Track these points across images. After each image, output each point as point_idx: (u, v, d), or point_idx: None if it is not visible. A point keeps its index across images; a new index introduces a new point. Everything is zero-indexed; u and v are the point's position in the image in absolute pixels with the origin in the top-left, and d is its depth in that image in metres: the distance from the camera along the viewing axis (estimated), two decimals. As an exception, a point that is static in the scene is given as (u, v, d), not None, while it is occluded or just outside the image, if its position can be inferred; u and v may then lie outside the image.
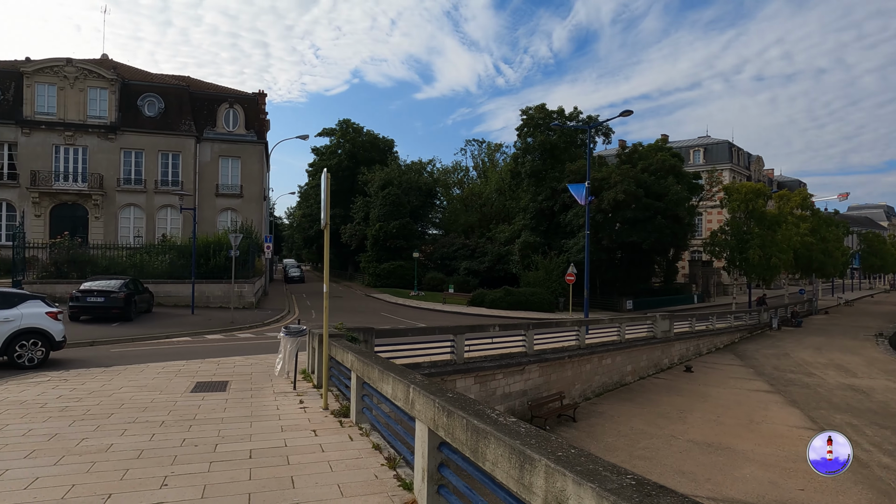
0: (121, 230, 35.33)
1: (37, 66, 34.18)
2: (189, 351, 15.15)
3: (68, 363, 12.39)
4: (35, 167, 33.88)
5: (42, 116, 34.30)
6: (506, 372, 15.46)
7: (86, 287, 19.40)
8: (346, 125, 69.90)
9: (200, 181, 37.11)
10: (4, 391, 8.98)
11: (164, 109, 36.58)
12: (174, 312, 23.43)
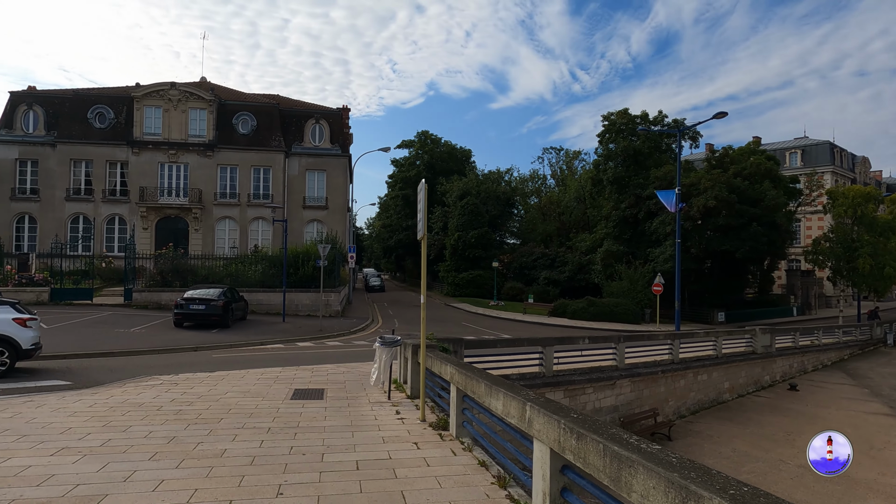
0: (217, 241, 37.49)
1: (145, 91, 37.05)
2: (283, 358, 15.71)
3: (177, 367, 13.14)
4: (143, 184, 36.64)
5: (149, 137, 37.08)
6: (596, 386, 14.94)
7: (188, 295, 20.63)
8: (425, 136, 71.02)
9: (289, 194, 38.77)
10: (124, 393, 9.61)
11: (256, 127, 38.58)
12: (266, 320, 24.47)
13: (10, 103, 36.67)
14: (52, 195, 36.17)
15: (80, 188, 36.68)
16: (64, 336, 17.66)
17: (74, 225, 36.52)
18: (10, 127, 36.25)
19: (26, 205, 36.13)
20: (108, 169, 36.87)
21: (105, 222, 36.70)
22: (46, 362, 13.63)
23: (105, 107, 37.03)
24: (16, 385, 10.69)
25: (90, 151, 36.57)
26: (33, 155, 36.33)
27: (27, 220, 36.31)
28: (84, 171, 36.75)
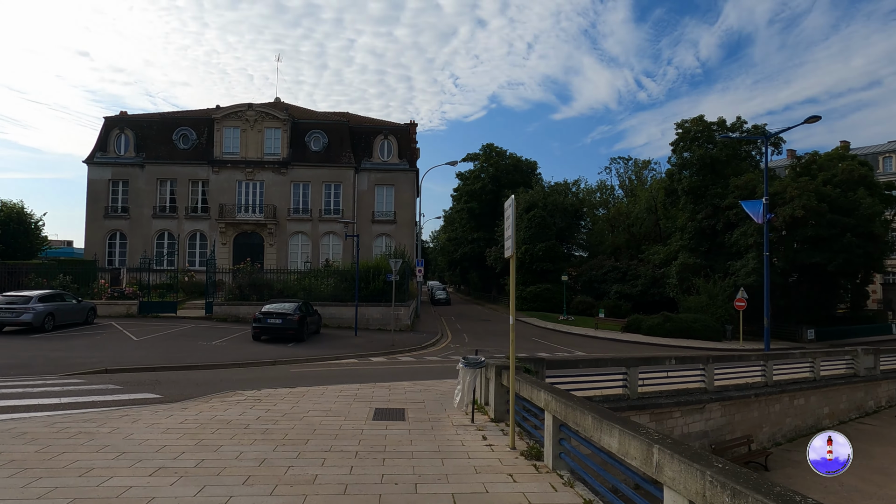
0: (290, 255, 38.60)
1: (224, 113, 38.83)
2: (358, 374, 15.73)
3: (258, 381, 13.36)
4: (222, 201, 38.29)
5: (228, 156, 38.79)
6: (683, 410, 14.05)
7: (266, 310, 21.17)
8: (490, 149, 70.85)
9: (358, 209, 39.47)
10: (211, 409, 9.78)
11: (328, 144, 39.61)
12: (339, 334, 24.79)
13: (105, 128, 39.36)
14: (140, 213, 38.41)
15: (165, 206, 38.79)
16: (151, 348, 18.45)
17: (160, 241, 38.58)
18: (104, 150, 38.87)
19: (118, 222, 38.53)
20: (190, 187, 38.82)
21: (187, 238, 38.57)
22: (138, 375, 14.18)
23: (188, 128, 39.10)
24: (112, 398, 11.12)
25: (175, 171, 38.65)
26: (124, 175, 38.76)
27: (118, 236, 38.69)
28: (169, 189, 38.86)
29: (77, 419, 8.66)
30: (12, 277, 28.29)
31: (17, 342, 18.69)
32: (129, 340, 19.96)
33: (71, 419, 8.68)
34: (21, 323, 20.28)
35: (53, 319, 21.31)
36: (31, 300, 20.60)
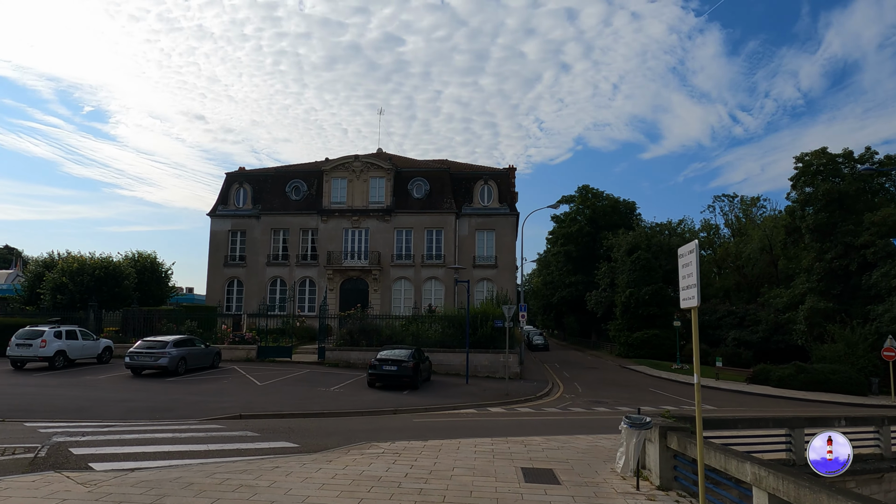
0: (394, 301, 39.15)
1: (333, 165, 40.78)
2: (482, 426, 15.19)
3: (386, 431, 13.16)
4: (330, 248, 39.80)
5: (335, 205, 40.48)
6: (858, 479, 12.30)
7: (381, 356, 21.26)
8: (585, 191, 69.69)
9: (459, 254, 39.59)
10: (356, 462, 9.59)
11: (429, 191, 40.40)
12: (449, 381, 24.43)
13: (226, 183, 42.51)
14: (256, 261, 40.68)
15: (278, 254, 40.88)
16: (275, 394, 18.92)
17: (273, 287, 40.53)
18: (225, 203, 41.88)
19: (236, 270, 40.98)
20: (301, 236, 40.77)
21: (297, 284, 40.25)
22: (271, 421, 14.42)
23: (300, 181, 41.38)
24: (253, 445, 11.26)
25: (287, 221, 40.81)
26: (242, 226, 41.42)
27: (236, 283, 41.08)
28: (282, 238, 41.00)
29: (232, 469, 8.73)
30: (147, 322, 30.54)
31: (155, 385, 19.85)
32: (254, 385, 20.64)
33: (226, 469, 8.76)
34: (158, 367, 21.61)
35: (185, 363, 22.56)
36: (167, 345, 21.96)
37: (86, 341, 24.71)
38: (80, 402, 15.98)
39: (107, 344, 25.95)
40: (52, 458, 9.33)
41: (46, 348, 22.50)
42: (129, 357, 21.72)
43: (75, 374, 22.11)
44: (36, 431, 11.78)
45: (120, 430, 12.21)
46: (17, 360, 22.76)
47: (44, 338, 22.54)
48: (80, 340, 24.29)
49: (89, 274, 31.23)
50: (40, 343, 22.43)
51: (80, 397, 16.94)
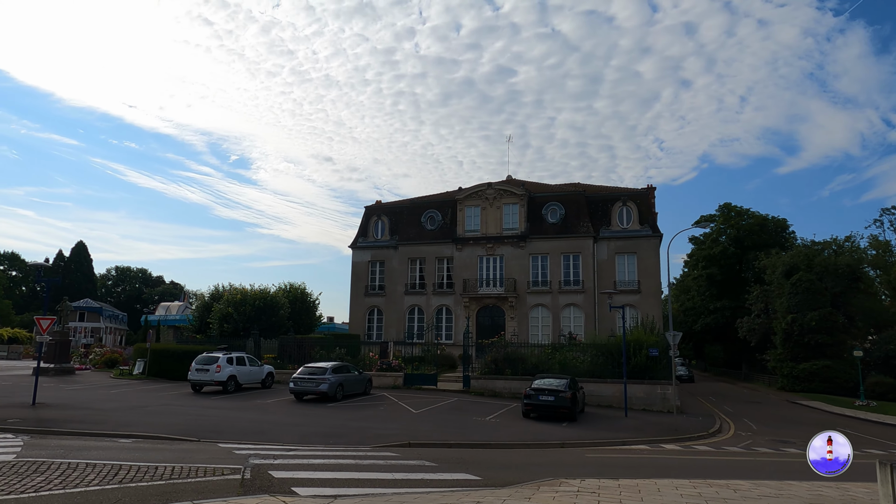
0: (531, 329, 38.24)
1: (466, 193, 41.20)
2: (666, 465, 13.83)
3: (563, 466, 12.32)
4: (465, 276, 39.93)
5: (470, 233, 40.72)
6: None
7: (537, 386, 20.46)
8: (728, 209, 64.62)
9: (598, 279, 37.97)
10: (554, 500, 8.88)
11: (565, 215, 39.40)
12: (604, 413, 22.99)
13: (365, 216, 44.49)
14: (394, 290, 41.85)
15: (415, 283, 41.77)
16: (433, 422, 18.75)
17: (411, 315, 41.36)
18: (365, 235, 43.76)
19: (375, 299, 42.41)
20: (436, 265, 41.40)
21: (434, 312, 40.73)
22: (441, 451, 14.14)
23: (435, 211, 42.25)
24: (436, 476, 10.95)
25: (423, 250, 41.70)
26: (381, 257, 42.94)
27: (376, 312, 42.47)
28: (418, 268, 41.90)
29: (431, 500, 8.40)
30: (300, 349, 32.21)
31: (319, 410, 20.55)
32: (409, 413, 20.69)
33: (425, 501, 8.45)
34: (318, 392, 22.44)
35: (343, 389, 23.27)
36: (327, 371, 22.79)
37: (252, 367, 26.44)
38: (259, 426, 16.81)
39: (269, 370, 27.60)
40: (258, 480, 9.60)
41: (220, 373, 24.31)
42: (293, 383, 22.81)
43: (245, 397, 23.60)
44: (232, 453, 12.37)
45: (305, 454, 12.50)
46: (196, 383, 24.80)
47: (218, 363, 24.39)
48: (247, 366, 26.04)
49: (250, 304, 33.73)
50: (216, 368, 24.28)
51: (257, 420, 17.86)
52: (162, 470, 9.91)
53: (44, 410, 17.96)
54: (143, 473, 9.60)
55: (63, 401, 20.63)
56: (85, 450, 11.93)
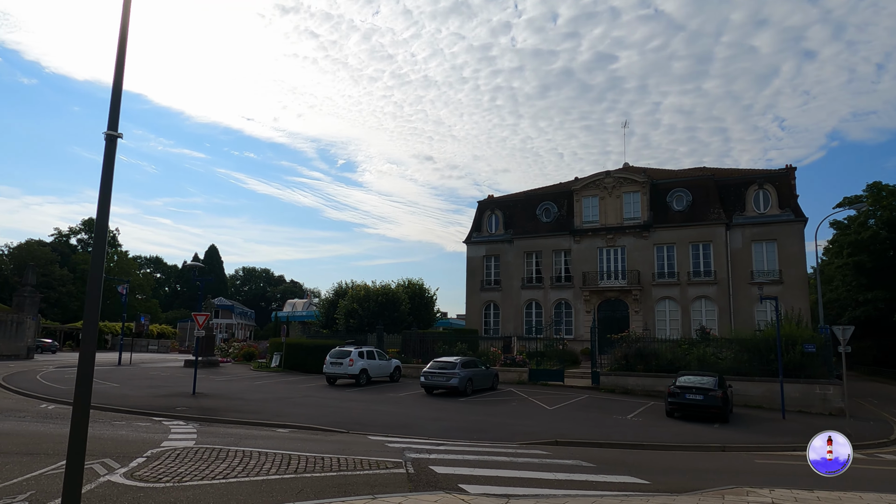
0: (658, 323, 36.19)
1: (583, 183, 39.78)
2: (857, 475, 12.19)
3: (730, 473, 11.20)
4: (584, 269, 38.59)
5: (588, 225, 39.28)
6: None
7: (683, 384, 19.10)
8: (877, 189, 57.47)
9: (732, 269, 35.16)
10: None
11: (692, 202, 36.88)
12: (756, 415, 21.06)
13: (479, 211, 44.36)
14: (510, 285, 41.36)
15: (532, 277, 41.01)
16: (574, 421, 18.03)
17: (528, 310, 40.67)
18: (479, 230, 43.64)
19: (491, 294, 42.17)
20: (553, 258, 40.37)
21: (553, 307, 39.75)
22: (592, 451, 13.45)
23: (550, 202, 41.22)
24: (597, 478, 10.32)
25: (539, 244, 40.83)
26: (495, 251, 42.62)
27: (492, 306, 42.22)
28: (535, 261, 41.09)
29: (616, 507, 7.81)
30: (423, 344, 32.64)
31: (451, 404, 20.53)
32: (544, 410, 20.12)
33: (607, 506, 7.88)
34: (448, 387, 22.47)
35: (472, 384, 23.15)
36: (456, 366, 22.77)
37: (381, 361, 27.10)
38: (399, 419, 17.01)
39: (397, 364, 28.18)
40: (422, 475, 9.50)
41: (353, 367, 25.10)
42: (423, 377, 23.03)
43: (377, 391, 24.18)
44: (384, 446, 12.48)
45: (456, 449, 12.35)
46: (331, 376, 25.80)
47: (351, 357, 25.19)
48: (377, 360, 26.72)
49: (374, 300, 34.71)
50: (348, 362, 25.11)
51: (396, 413, 18.11)
52: (328, 461, 10.10)
53: (204, 400, 19.37)
54: (313, 464, 9.83)
55: (217, 391, 22.20)
56: (251, 438, 12.55)
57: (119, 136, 5.48)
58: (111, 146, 5.43)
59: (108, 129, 5.45)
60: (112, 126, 5.46)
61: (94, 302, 5.29)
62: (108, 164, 5.41)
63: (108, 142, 5.43)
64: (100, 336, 72.05)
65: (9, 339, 42.11)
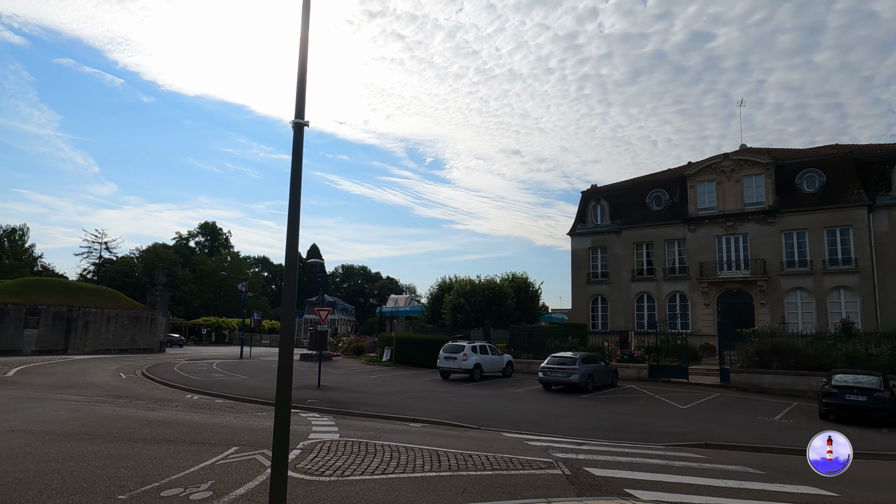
0: (787, 316, 33.23)
1: (697, 168, 37.32)
2: None
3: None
4: (701, 259, 36.20)
5: (704, 212, 36.79)
6: None
7: (840, 383, 17.17)
8: None
9: (877, 256, 31.57)
10: None
11: (825, 183, 33.51)
12: (926, 419, 18.59)
13: (582, 201, 42.91)
14: (619, 277, 39.66)
15: (642, 269, 39.08)
16: (714, 421, 16.70)
17: (639, 303, 38.80)
18: (583, 221, 42.21)
19: (599, 287, 40.66)
20: (666, 248, 38.21)
21: (666, 300, 37.66)
22: (749, 455, 12.25)
23: (661, 190, 39.04)
24: (775, 487, 9.25)
25: (649, 234, 38.80)
26: (602, 243, 41.03)
27: (600, 300, 40.71)
28: (645, 252, 39.12)
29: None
30: (531, 339, 31.96)
31: (575, 401, 19.76)
32: (676, 408, 18.87)
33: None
34: (568, 383, 21.69)
35: (592, 381, 22.23)
36: (576, 361, 21.93)
37: (493, 356, 26.74)
38: (526, 415, 16.51)
39: (509, 359, 27.73)
40: (581, 478, 8.92)
41: (467, 361, 24.91)
42: (542, 372, 22.40)
43: (493, 386, 23.82)
44: (524, 443, 12.02)
45: (602, 450, 11.65)
46: (444, 371, 25.78)
47: (465, 352, 25.02)
48: (489, 355, 26.39)
49: (480, 295, 34.43)
50: (462, 357, 24.94)
51: (521, 409, 17.62)
52: (478, 459, 9.77)
53: (329, 392, 19.86)
54: (464, 462, 9.52)
55: (339, 384, 22.77)
56: (389, 433, 12.52)
57: (306, 123, 5.37)
58: (299, 134, 5.33)
59: (296, 118, 5.34)
60: (298, 115, 5.35)
61: (290, 300, 5.19)
62: (297, 150, 5.31)
63: (295, 130, 5.33)
64: (218, 331, 77.33)
65: (145, 334, 45.97)
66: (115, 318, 43.72)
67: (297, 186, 5.17)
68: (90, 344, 41.50)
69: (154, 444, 9.69)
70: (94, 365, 29.68)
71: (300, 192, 5.20)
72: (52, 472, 7.57)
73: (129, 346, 44.28)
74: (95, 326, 42.19)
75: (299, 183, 5.20)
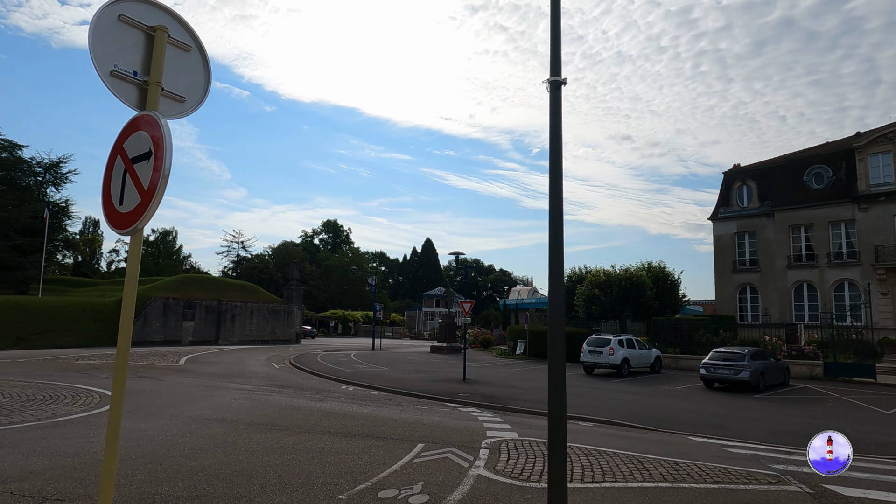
0: None
1: (868, 139, 32.77)
2: None
3: None
4: (875, 242, 31.79)
5: (878, 188, 32.25)
6: None
7: None
8: None
9: None
10: None
11: None
12: None
13: (725, 183, 39.36)
14: (770, 264, 35.91)
15: (800, 254, 35.09)
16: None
17: (798, 293, 34.87)
18: (727, 204, 38.71)
19: (746, 276, 37.10)
20: (830, 231, 33.98)
21: (832, 289, 33.49)
22: None
23: (822, 166, 34.75)
24: None
25: (808, 215, 34.70)
26: (750, 227, 37.37)
27: (748, 290, 37.15)
28: (803, 236, 35.07)
29: None
30: (676, 332, 29.69)
31: (747, 401, 17.76)
32: (878, 413, 16.31)
33: None
34: (737, 381, 19.63)
35: (763, 379, 19.98)
36: (745, 357, 19.81)
37: (641, 350, 25.05)
38: (701, 416, 14.98)
39: (657, 353, 25.88)
40: (828, 498, 7.52)
41: (614, 356, 23.47)
42: (704, 369, 20.50)
43: (645, 382, 22.22)
44: (723, 450, 10.67)
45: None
46: (589, 365, 24.50)
47: (611, 346, 23.59)
48: (636, 349, 24.74)
49: (616, 286, 32.59)
50: (609, 351, 23.54)
51: (692, 410, 16.05)
52: (686, 468, 8.63)
53: (477, 386, 19.38)
54: (675, 471, 8.43)
55: (483, 377, 22.29)
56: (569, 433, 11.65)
57: (563, 81, 4.61)
58: (556, 92, 4.57)
59: (552, 76, 4.62)
60: (555, 72, 4.62)
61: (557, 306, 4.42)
62: (556, 109, 4.58)
63: (553, 88, 4.58)
64: (345, 323, 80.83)
65: (283, 326, 48.76)
66: (257, 311, 46.73)
67: (557, 147, 4.49)
68: (237, 335, 44.64)
69: (341, 438, 9.56)
70: (246, 355, 31.64)
71: (561, 153, 4.52)
72: (264, 465, 7.51)
73: (269, 337, 47.17)
74: (241, 319, 45.31)
75: (559, 143, 4.53)
